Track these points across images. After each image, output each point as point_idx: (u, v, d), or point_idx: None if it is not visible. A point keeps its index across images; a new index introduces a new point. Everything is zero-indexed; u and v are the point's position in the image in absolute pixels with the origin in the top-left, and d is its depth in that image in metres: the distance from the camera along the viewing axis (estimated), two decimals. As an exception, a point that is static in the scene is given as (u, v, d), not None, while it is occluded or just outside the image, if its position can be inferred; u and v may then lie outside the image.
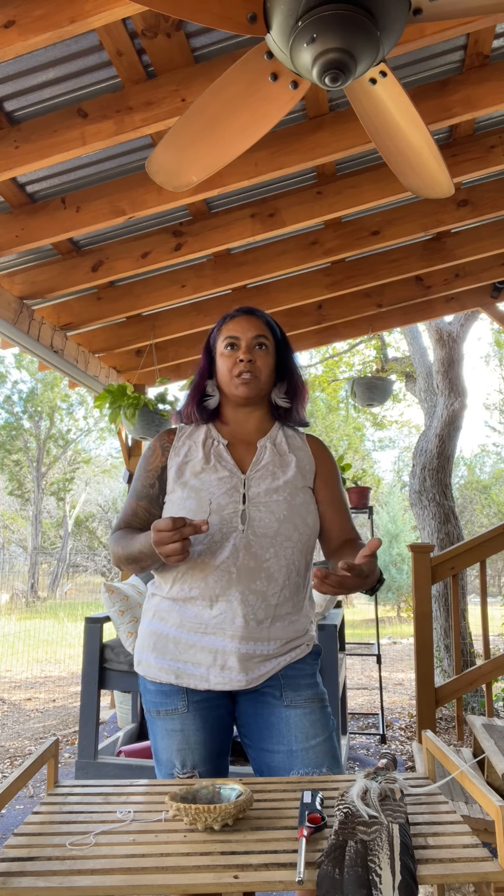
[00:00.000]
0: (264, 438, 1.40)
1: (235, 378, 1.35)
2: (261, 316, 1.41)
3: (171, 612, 1.29)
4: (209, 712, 1.27)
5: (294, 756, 1.22)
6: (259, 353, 1.37)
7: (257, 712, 1.27)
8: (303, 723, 1.24)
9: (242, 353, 1.35)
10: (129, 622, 2.83)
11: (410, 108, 1.43)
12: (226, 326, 1.40)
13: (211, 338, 1.45)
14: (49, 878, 0.82)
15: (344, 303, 3.91)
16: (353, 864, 0.81)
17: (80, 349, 3.72)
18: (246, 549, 1.25)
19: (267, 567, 1.26)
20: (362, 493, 4.24)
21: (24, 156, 2.12)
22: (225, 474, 1.32)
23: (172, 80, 2.02)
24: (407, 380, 7.36)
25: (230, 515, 1.27)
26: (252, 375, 1.35)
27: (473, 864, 0.84)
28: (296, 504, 1.31)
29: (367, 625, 10.81)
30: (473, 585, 11.45)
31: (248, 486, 1.31)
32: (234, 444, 1.39)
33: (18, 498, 19.53)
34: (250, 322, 1.38)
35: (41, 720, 4.64)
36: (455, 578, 3.18)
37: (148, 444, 1.43)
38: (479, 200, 3.04)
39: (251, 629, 1.23)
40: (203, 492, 1.29)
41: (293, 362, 1.47)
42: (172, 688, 1.27)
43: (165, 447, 1.39)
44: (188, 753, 1.24)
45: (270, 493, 1.30)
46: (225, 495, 1.28)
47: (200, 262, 3.32)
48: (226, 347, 1.37)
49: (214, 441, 1.38)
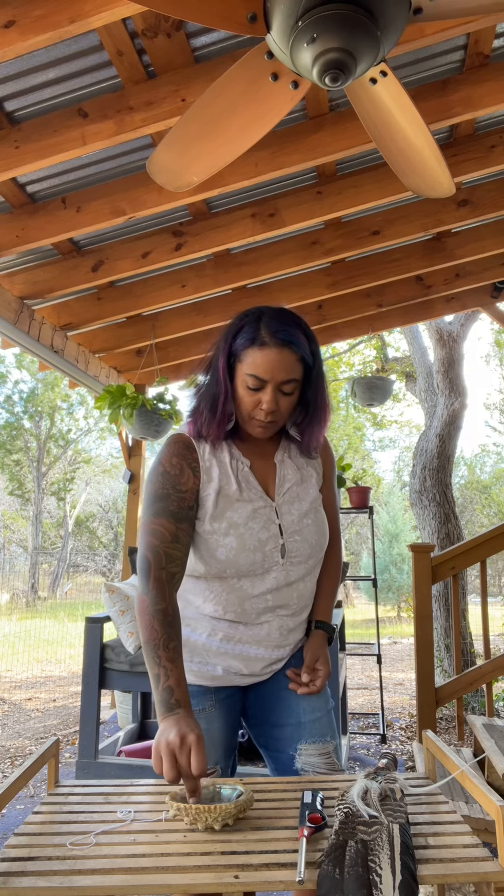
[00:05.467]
0: (280, 452, 1.34)
1: (255, 420, 1.25)
2: (297, 349, 1.20)
3: (201, 623, 1.31)
4: (230, 708, 1.33)
5: (302, 727, 1.28)
6: (284, 399, 1.23)
7: (268, 690, 1.34)
8: (310, 697, 1.31)
9: (266, 403, 1.20)
10: (130, 622, 2.83)
11: (411, 108, 1.43)
12: (254, 356, 1.19)
13: (234, 346, 1.23)
14: (50, 877, 0.82)
15: (344, 303, 3.91)
16: (354, 863, 0.81)
17: (80, 349, 3.72)
18: (285, 579, 1.29)
19: (297, 586, 1.32)
20: (362, 493, 4.24)
21: (24, 156, 2.12)
22: (260, 505, 1.27)
23: (173, 80, 2.02)
24: (407, 380, 7.36)
25: (271, 551, 1.26)
26: (273, 424, 1.26)
27: (474, 863, 0.84)
28: (320, 522, 1.34)
29: (368, 625, 10.81)
30: (474, 585, 11.45)
31: (279, 514, 1.29)
32: (254, 463, 1.32)
33: (19, 498, 19.53)
34: (283, 360, 1.19)
35: (42, 720, 4.64)
36: (455, 578, 3.17)
37: (163, 457, 1.27)
38: (479, 200, 3.04)
39: (282, 637, 1.31)
40: (241, 527, 1.24)
41: (318, 393, 1.28)
42: (200, 688, 1.30)
43: (194, 467, 1.26)
44: (212, 750, 1.27)
45: (301, 517, 1.31)
46: (263, 530, 1.26)
47: (201, 262, 3.31)
48: (250, 385, 1.21)
49: (239, 462, 1.30)
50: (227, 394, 1.25)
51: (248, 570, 1.25)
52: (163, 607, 1.15)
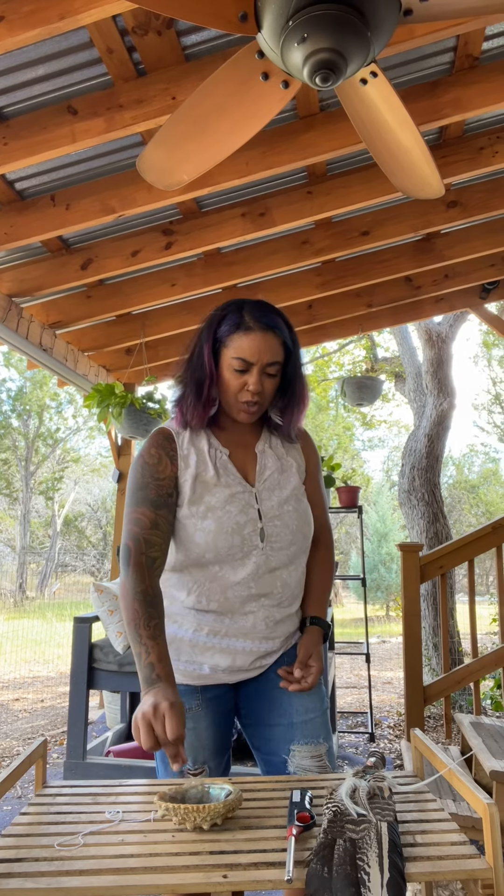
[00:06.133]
0: (261, 442, 1.37)
1: (241, 404, 1.29)
2: (280, 334, 1.27)
3: (186, 618, 1.31)
4: (218, 707, 1.32)
5: (294, 728, 1.27)
6: (269, 381, 1.29)
7: (260, 689, 1.33)
8: (302, 697, 1.29)
9: (253, 384, 1.26)
10: (118, 622, 2.82)
11: (401, 109, 1.44)
12: (240, 340, 1.25)
13: (219, 332, 1.28)
14: (37, 879, 0.82)
15: (334, 303, 3.92)
16: (342, 862, 0.81)
17: (69, 347, 3.70)
18: (266, 564, 1.28)
19: (281, 574, 1.31)
20: (352, 492, 4.25)
21: (13, 153, 2.11)
22: (237, 490, 1.29)
23: (163, 77, 2.01)
24: (396, 380, 7.39)
25: (250, 535, 1.27)
26: (258, 406, 1.30)
27: (461, 861, 0.85)
28: (302, 511, 1.34)
29: (356, 624, 10.84)
30: (462, 584, 11.52)
31: (259, 500, 1.30)
32: (234, 453, 1.34)
33: (7, 497, 19.40)
34: (268, 344, 1.25)
35: (29, 720, 4.61)
36: (444, 577, 3.19)
37: (143, 449, 1.32)
38: (468, 201, 3.06)
39: (269, 629, 1.30)
40: (219, 511, 1.26)
41: (297, 379, 1.35)
42: (187, 688, 1.30)
43: (171, 455, 1.30)
44: (200, 750, 1.26)
45: (281, 504, 1.31)
46: (241, 513, 1.27)
47: (191, 261, 3.31)
48: (236, 368, 1.26)
49: (217, 451, 1.33)
50: (212, 377, 1.30)
51: (227, 553, 1.25)
52: (143, 588, 1.18)
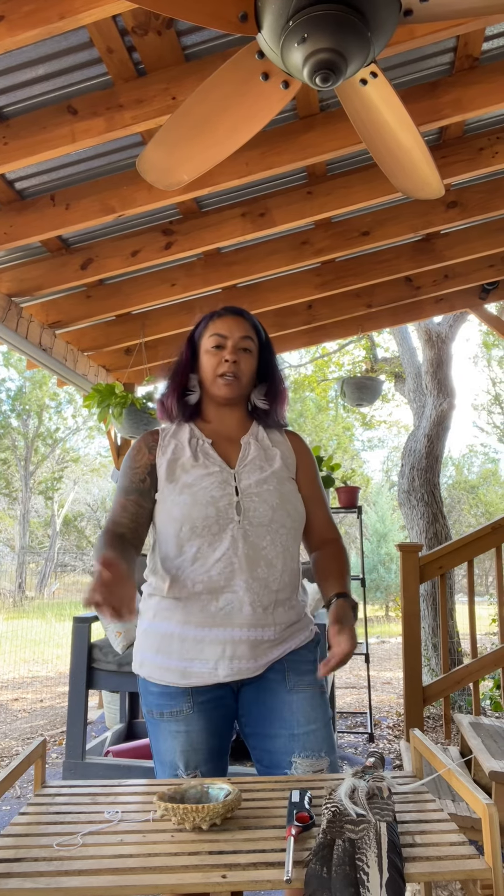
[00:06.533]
0: (247, 435, 1.42)
1: (219, 378, 1.38)
2: (248, 318, 1.44)
3: (174, 611, 1.29)
4: (213, 712, 1.28)
5: (295, 739, 1.24)
6: (244, 355, 1.39)
7: (260, 698, 1.29)
8: (304, 707, 1.26)
9: (228, 354, 1.37)
10: (118, 622, 2.82)
11: (401, 109, 1.44)
12: (213, 324, 1.42)
13: (196, 332, 1.46)
14: (36, 878, 0.82)
15: (334, 303, 3.92)
16: (341, 862, 0.81)
17: (68, 347, 3.70)
18: (244, 538, 1.28)
19: (266, 555, 1.29)
20: (351, 492, 4.25)
21: (13, 152, 2.11)
22: (215, 469, 1.34)
23: (163, 77, 2.01)
24: (396, 380, 7.39)
25: (225, 507, 1.29)
26: (235, 377, 1.38)
27: (460, 861, 0.85)
28: (285, 492, 1.35)
29: (356, 624, 10.82)
30: (461, 585, 11.51)
31: (238, 479, 1.33)
32: (218, 442, 1.40)
33: (6, 497, 19.39)
34: (238, 323, 1.41)
35: (28, 720, 4.61)
36: (443, 578, 3.19)
37: (132, 445, 1.44)
38: (468, 202, 3.06)
39: (258, 616, 1.26)
40: (195, 487, 1.31)
41: (275, 365, 1.49)
42: (178, 689, 1.27)
43: (151, 446, 1.40)
44: (192, 754, 1.25)
45: (261, 483, 1.34)
46: (217, 488, 1.31)
47: (190, 261, 3.31)
48: (212, 346, 1.39)
49: (199, 440, 1.39)
50: (186, 367, 1.44)
51: (203, 525, 1.27)
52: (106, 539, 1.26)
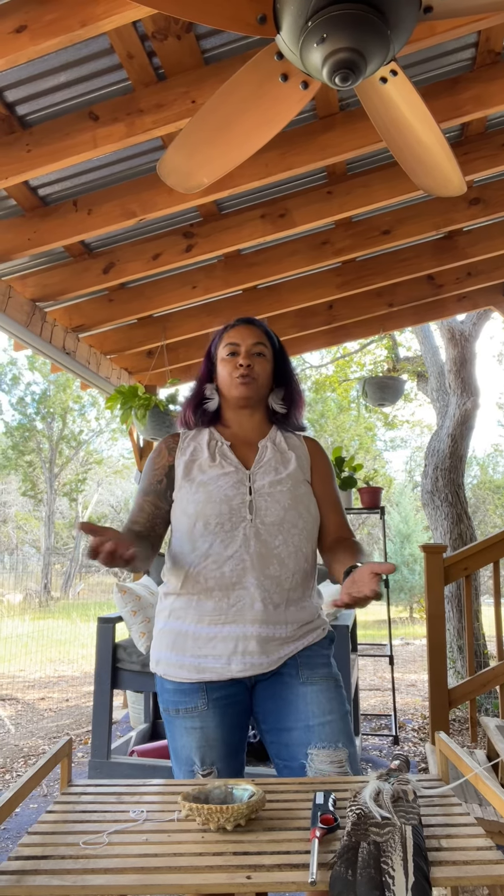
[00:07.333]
0: (265, 439, 1.48)
1: (235, 380, 1.44)
2: (259, 326, 1.50)
3: (188, 610, 1.33)
4: (228, 709, 1.30)
5: (311, 731, 1.25)
6: (257, 359, 1.46)
7: (275, 693, 1.31)
8: (319, 698, 1.28)
9: (242, 359, 1.44)
10: (141, 622, 2.84)
11: (421, 107, 1.42)
12: (227, 335, 1.49)
13: (212, 345, 1.53)
14: (63, 876, 0.83)
15: (355, 302, 3.90)
16: (366, 865, 0.81)
17: (91, 351, 3.74)
18: (256, 537, 1.32)
19: (278, 553, 1.32)
20: (374, 493, 4.22)
21: (35, 159, 2.14)
22: (230, 470, 1.39)
23: (183, 82, 2.02)
24: (418, 379, 7.32)
25: (238, 506, 1.33)
26: (250, 378, 1.44)
27: (487, 866, 0.84)
28: (298, 494, 1.39)
29: (380, 626, 10.77)
30: (487, 586, 11.36)
31: (252, 479, 1.38)
32: (236, 445, 1.46)
33: (31, 499, 19.66)
34: (250, 331, 1.48)
35: (55, 720, 4.67)
36: (468, 579, 3.15)
37: (154, 447, 1.52)
38: (491, 198, 3.02)
39: (269, 613, 1.29)
40: (210, 485, 1.36)
41: (290, 370, 1.55)
42: (192, 686, 1.30)
43: (171, 448, 1.47)
44: (207, 751, 1.27)
45: (274, 484, 1.38)
46: (232, 488, 1.35)
47: (211, 264, 3.32)
48: (227, 354, 1.46)
49: (218, 442, 1.45)
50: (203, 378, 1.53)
51: (217, 522, 1.32)
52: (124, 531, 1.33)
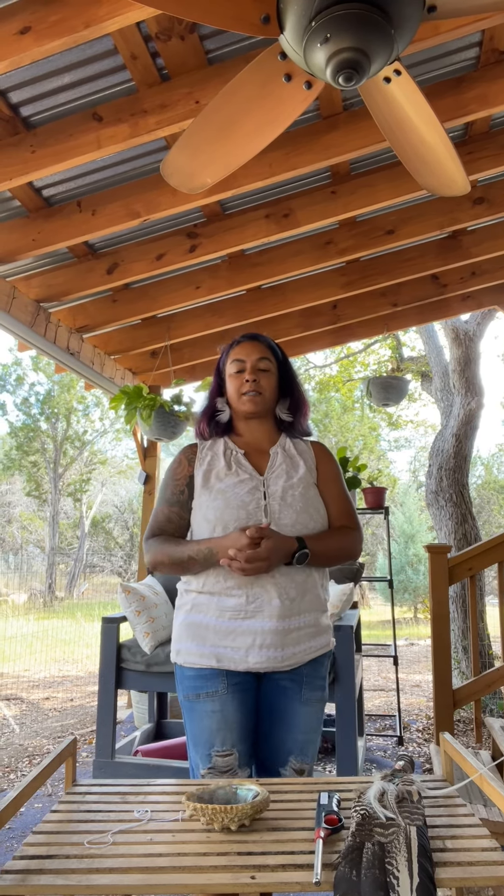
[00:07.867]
0: (275, 446, 1.58)
1: (243, 396, 1.55)
2: (263, 341, 1.61)
3: (208, 605, 1.43)
4: (244, 694, 1.41)
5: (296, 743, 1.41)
6: (262, 374, 1.56)
7: (275, 703, 1.43)
8: (310, 719, 1.44)
9: (248, 375, 1.54)
10: (146, 622, 2.85)
11: (425, 106, 1.42)
12: (233, 351, 1.59)
13: (221, 361, 1.64)
14: (68, 875, 0.83)
15: (359, 302, 3.89)
16: (371, 865, 0.81)
17: (95, 351, 3.74)
18: None
19: None
20: (378, 493, 4.21)
21: (40, 160, 2.14)
22: (245, 477, 1.49)
23: (186, 82, 2.02)
24: (423, 379, 7.31)
25: (254, 510, 1.44)
26: (257, 393, 1.54)
27: (492, 867, 0.83)
28: (309, 497, 1.49)
29: (384, 626, 10.75)
30: (491, 586, 11.33)
31: (266, 485, 1.48)
32: (250, 453, 1.56)
33: (36, 499, 19.70)
34: (254, 347, 1.58)
35: (59, 719, 4.68)
36: (473, 579, 3.15)
37: (173, 458, 1.61)
38: (495, 198, 3.01)
39: (286, 607, 1.39)
40: (228, 493, 1.46)
41: (295, 381, 1.64)
42: (212, 671, 1.40)
43: (191, 459, 1.57)
44: (227, 733, 1.36)
45: (287, 489, 1.48)
46: (248, 494, 1.46)
47: (215, 264, 3.32)
48: (234, 371, 1.57)
49: (233, 451, 1.56)
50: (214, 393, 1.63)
51: (235, 526, 1.42)
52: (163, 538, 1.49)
